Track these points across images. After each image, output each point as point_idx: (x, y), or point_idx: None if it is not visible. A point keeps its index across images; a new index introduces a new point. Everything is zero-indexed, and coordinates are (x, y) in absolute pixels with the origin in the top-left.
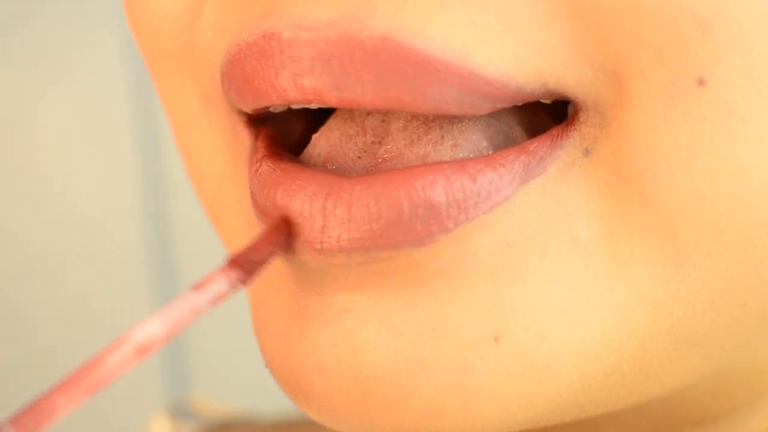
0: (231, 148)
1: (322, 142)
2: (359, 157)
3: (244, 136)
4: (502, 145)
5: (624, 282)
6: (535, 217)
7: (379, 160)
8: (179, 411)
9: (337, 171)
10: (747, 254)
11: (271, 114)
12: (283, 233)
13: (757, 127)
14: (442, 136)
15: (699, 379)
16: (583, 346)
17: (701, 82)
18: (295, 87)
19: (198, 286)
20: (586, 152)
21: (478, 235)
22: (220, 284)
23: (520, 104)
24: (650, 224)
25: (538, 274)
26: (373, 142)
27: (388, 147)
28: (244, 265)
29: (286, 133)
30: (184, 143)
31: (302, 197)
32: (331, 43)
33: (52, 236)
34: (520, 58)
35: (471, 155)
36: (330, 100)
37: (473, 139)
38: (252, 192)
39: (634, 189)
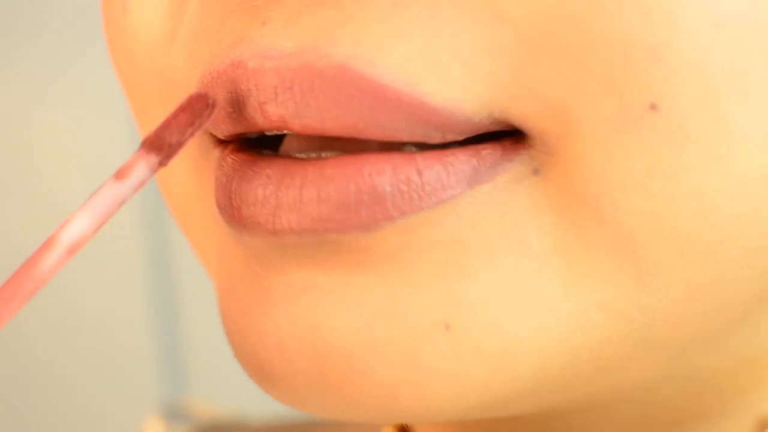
0: (198, 166)
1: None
2: (326, 138)
3: (214, 154)
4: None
5: (581, 291)
6: (482, 220)
7: (345, 139)
8: (173, 413)
9: (297, 152)
10: (709, 268)
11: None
12: (200, 111)
13: (714, 150)
14: None
15: (664, 378)
16: (538, 344)
17: (654, 107)
18: (261, 114)
19: (118, 176)
20: (536, 171)
21: (424, 228)
22: (141, 170)
23: (471, 136)
24: (609, 241)
25: (488, 272)
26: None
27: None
28: (162, 147)
29: (262, 144)
30: None
31: (257, 182)
32: (293, 71)
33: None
34: (466, 88)
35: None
36: (293, 126)
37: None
38: (215, 191)
39: (590, 210)
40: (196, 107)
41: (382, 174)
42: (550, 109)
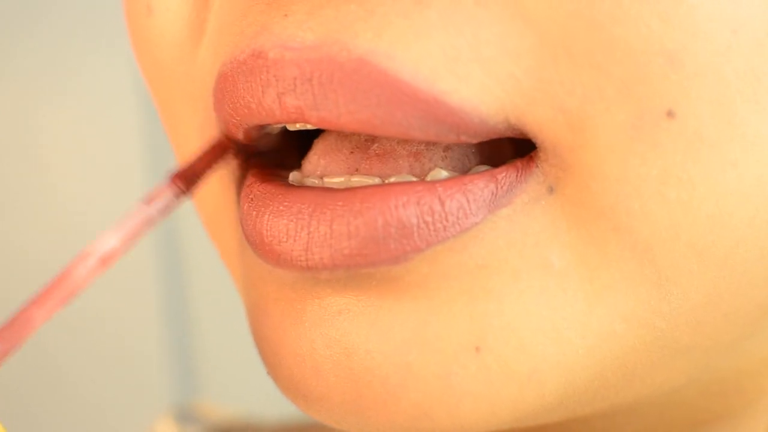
0: (224, 180)
1: (319, 144)
2: (352, 152)
3: (233, 165)
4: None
5: (604, 304)
6: (504, 244)
7: (372, 154)
8: (184, 415)
9: (325, 176)
10: (727, 270)
11: (263, 144)
12: (220, 149)
13: (729, 154)
14: None
15: (688, 381)
16: (565, 359)
17: (670, 114)
18: (279, 105)
19: (148, 200)
20: (551, 190)
21: (449, 256)
22: (168, 196)
23: (485, 140)
24: (627, 251)
25: (514, 294)
26: (366, 139)
27: (381, 143)
28: (188, 179)
29: (282, 161)
30: None
31: (288, 217)
32: (313, 63)
33: (59, 243)
34: (485, 89)
35: (458, 159)
36: (310, 119)
37: (464, 144)
38: (241, 219)
39: (607, 221)
40: (218, 151)
41: (407, 206)
42: (567, 117)
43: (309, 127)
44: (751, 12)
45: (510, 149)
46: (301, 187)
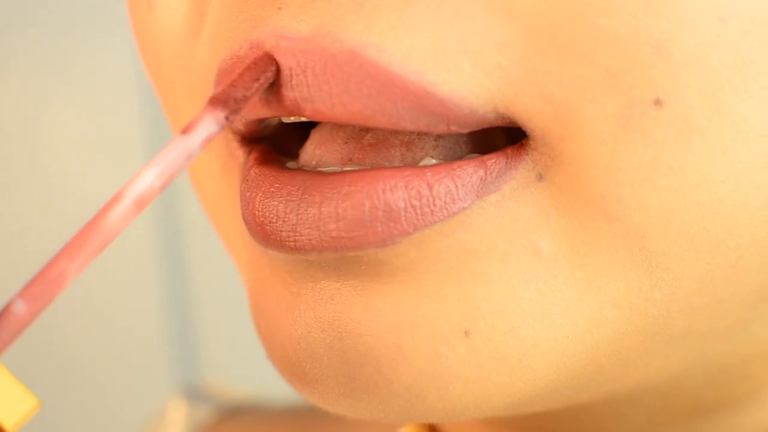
0: (226, 167)
1: (316, 135)
2: (346, 143)
3: (238, 155)
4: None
5: (595, 290)
6: (493, 229)
7: (365, 144)
8: (195, 394)
9: (320, 166)
10: (720, 257)
11: (266, 133)
12: (264, 68)
13: (719, 141)
14: None
15: (688, 367)
16: (556, 345)
17: (658, 102)
18: (276, 98)
19: (186, 130)
20: (540, 177)
21: (437, 240)
22: (208, 123)
23: (476, 130)
24: (618, 239)
25: (503, 279)
26: (360, 129)
27: (375, 133)
28: (228, 102)
29: (285, 149)
30: None
31: (278, 198)
32: (306, 54)
33: (62, 238)
34: (473, 80)
35: (450, 147)
36: (305, 111)
37: (455, 134)
38: (240, 204)
39: (597, 209)
40: (261, 65)
41: (395, 190)
42: (555, 107)
43: (304, 119)
44: (739, 1)
45: (503, 139)
46: (294, 170)
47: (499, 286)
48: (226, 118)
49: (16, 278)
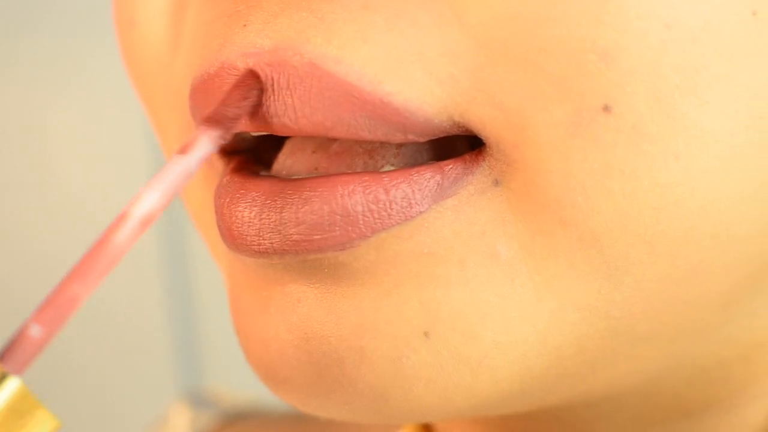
0: (208, 178)
1: (288, 145)
2: (314, 152)
3: (218, 166)
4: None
5: (554, 293)
6: (451, 233)
7: (331, 153)
8: (198, 399)
9: (291, 174)
10: (680, 259)
11: (244, 145)
12: (253, 86)
13: (671, 146)
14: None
15: (665, 369)
16: (516, 346)
17: (607, 109)
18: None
19: (183, 150)
20: (496, 183)
21: (396, 243)
22: (204, 143)
23: (434, 138)
24: (574, 243)
25: (461, 282)
26: (328, 138)
27: (341, 142)
28: (221, 121)
29: (266, 158)
30: None
31: (243, 204)
32: (270, 67)
33: (65, 239)
34: (427, 89)
35: (411, 155)
36: (272, 126)
37: (416, 142)
38: (214, 209)
39: (553, 213)
40: (249, 83)
41: (353, 194)
42: (506, 115)
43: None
44: (684, 7)
45: (465, 147)
46: (262, 177)
47: (457, 289)
48: (221, 137)
49: (20, 281)
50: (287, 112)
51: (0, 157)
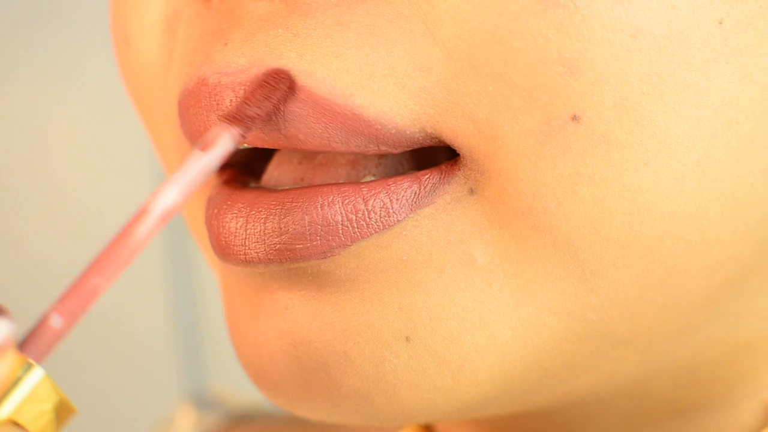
0: (203, 191)
1: (276, 157)
2: (300, 163)
3: (211, 179)
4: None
5: (531, 297)
6: (428, 240)
7: (316, 164)
8: (203, 401)
9: (278, 185)
10: (655, 263)
11: (235, 159)
12: (275, 85)
13: (640, 153)
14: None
15: (651, 370)
16: (496, 350)
17: (575, 118)
18: None
19: (204, 147)
20: (471, 191)
21: (375, 251)
22: (224, 140)
23: (415, 149)
24: (548, 248)
25: (440, 288)
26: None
27: (326, 154)
28: (242, 120)
29: (259, 171)
30: None
31: (230, 215)
32: (243, 85)
33: (70, 241)
34: (399, 102)
35: (392, 166)
36: (249, 140)
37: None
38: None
39: (526, 220)
40: (271, 82)
41: (332, 205)
42: (477, 126)
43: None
44: (649, 17)
45: (444, 157)
46: (247, 188)
47: (436, 294)
48: (241, 135)
49: (21, 284)
50: (260, 125)
51: (2, 159)
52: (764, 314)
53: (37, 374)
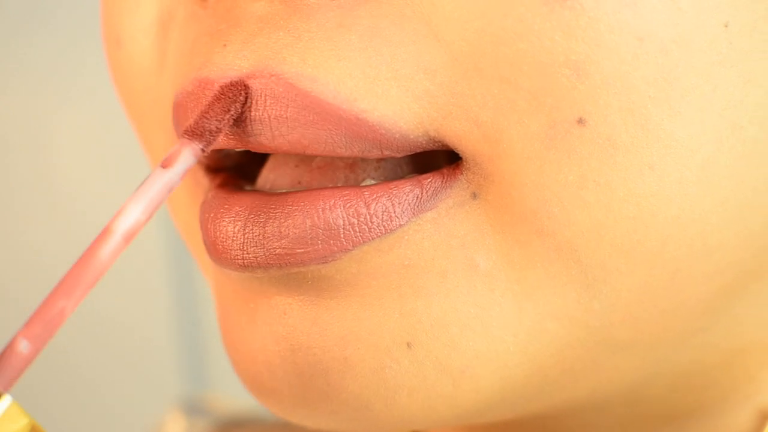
0: (194, 195)
1: (272, 160)
2: (297, 166)
3: (204, 183)
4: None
5: (533, 303)
6: (430, 245)
7: (314, 167)
8: (193, 408)
9: (274, 189)
10: (657, 269)
11: (229, 162)
12: (234, 98)
13: (645, 157)
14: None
15: (648, 376)
16: (497, 356)
17: (581, 121)
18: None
19: (166, 164)
20: (474, 196)
21: (376, 256)
22: (185, 157)
23: (411, 153)
24: (552, 253)
25: (441, 293)
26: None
27: (322, 156)
28: (203, 135)
29: (252, 174)
30: None
31: (228, 219)
32: (249, 88)
33: (71, 243)
34: (403, 105)
35: (391, 169)
36: (249, 144)
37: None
38: (199, 224)
39: (530, 225)
40: (230, 95)
41: (334, 209)
42: (482, 129)
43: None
44: (656, 20)
45: (444, 160)
46: (243, 191)
47: (438, 300)
48: (202, 150)
49: (23, 286)
50: (264, 131)
51: (4, 162)
52: (760, 320)
53: (5, 402)
